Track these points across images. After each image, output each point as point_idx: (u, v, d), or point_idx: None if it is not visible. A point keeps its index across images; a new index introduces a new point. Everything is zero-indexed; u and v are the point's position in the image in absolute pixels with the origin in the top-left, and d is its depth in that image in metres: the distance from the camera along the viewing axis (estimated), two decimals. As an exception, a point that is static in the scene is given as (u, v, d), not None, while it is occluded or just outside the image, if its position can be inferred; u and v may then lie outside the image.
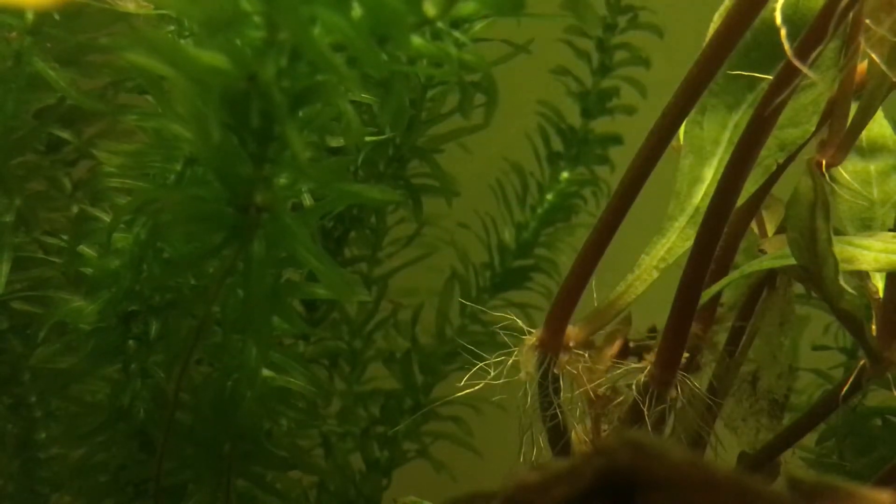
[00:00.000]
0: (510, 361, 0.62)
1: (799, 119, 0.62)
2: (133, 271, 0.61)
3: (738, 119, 0.63)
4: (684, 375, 0.61)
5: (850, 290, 0.59)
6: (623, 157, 0.71)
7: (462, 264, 0.93)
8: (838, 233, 0.63)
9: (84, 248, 0.63)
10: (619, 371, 0.63)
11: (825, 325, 0.87)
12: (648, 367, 0.61)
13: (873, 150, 0.69)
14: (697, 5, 0.66)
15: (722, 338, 0.72)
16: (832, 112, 0.64)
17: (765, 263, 0.65)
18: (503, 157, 0.94)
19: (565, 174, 0.93)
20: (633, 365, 0.62)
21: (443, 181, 0.75)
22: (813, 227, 0.54)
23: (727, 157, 0.57)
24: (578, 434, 0.65)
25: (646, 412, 0.61)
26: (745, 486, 0.33)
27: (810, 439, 0.75)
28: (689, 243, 0.60)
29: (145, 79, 0.53)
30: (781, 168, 0.63)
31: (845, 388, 0.63)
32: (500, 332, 0.64)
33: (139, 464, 0.67)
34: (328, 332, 0.86)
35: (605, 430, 0.64)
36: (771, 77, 0.57)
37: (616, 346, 0.64)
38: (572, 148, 0.93)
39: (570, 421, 0.64)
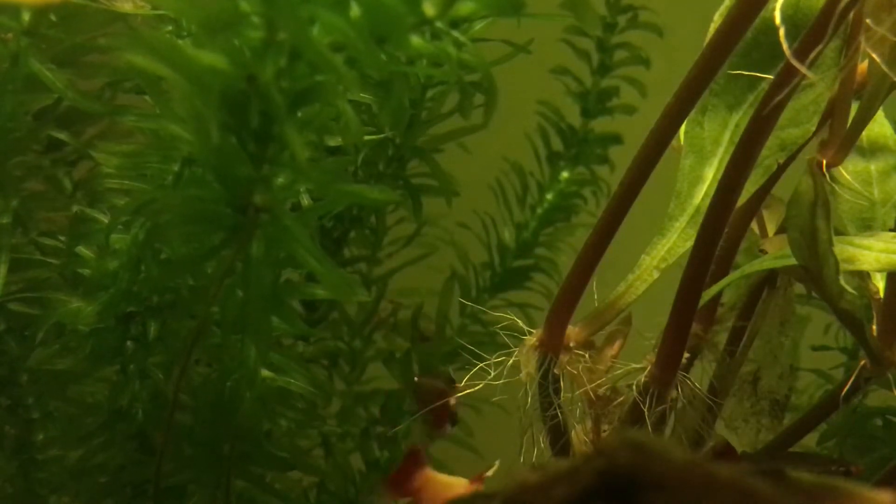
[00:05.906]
0: (510, 361, 0.62)
1: (799, 119, 0.62)
2: (131, 272, 0.61)
3: (739, 119, 0.63)
4: (684, 376, 0.61)
5: (850, 290, 0.59)
6: (623, 157, 0.71)
7: (462, 264, 0.93)
8: (839, 233, 0.63)
9: (82, 249, 0.63)
10: (619, 371, 0.63)
11: (826, 325, 0.87)
12: (648, 368, 0.61)
13: (874, 150, 0.69)
14: (697, 5, 0.66)
15: (722, 338, 0.72)
16: (833, 112, 0.64)
17: (765, 263, 0.65)
18: (503, 157, 0.94)
19: (565, 174, 0.93)
20: (634, 365, 0.62)
21: (443, 181, 0.75)
22: (813, 226, 0.54)
23: (728, 157, 0.57)
24: (578, 434, 0.64)
25: (646, 412, 0.60)
26: (745, 486, 0.33)
27: (811, 439, 0.75)
28: (690, 243, 0.60)
29: (143, 79, 0.53)
30: (782, 168, 0.63)
31: (846, 389, 0.62)
32: (500, 332, 0.64)
33: (138, 465, 0.67)
34: (328, 332, 0.86)
35: (605, 431, 0.64)
36: (772, 77, 0.57)
37: (616, 347, 0.64)
38: (572, 148, 0.93)
39: (571, 421, 0.64)
